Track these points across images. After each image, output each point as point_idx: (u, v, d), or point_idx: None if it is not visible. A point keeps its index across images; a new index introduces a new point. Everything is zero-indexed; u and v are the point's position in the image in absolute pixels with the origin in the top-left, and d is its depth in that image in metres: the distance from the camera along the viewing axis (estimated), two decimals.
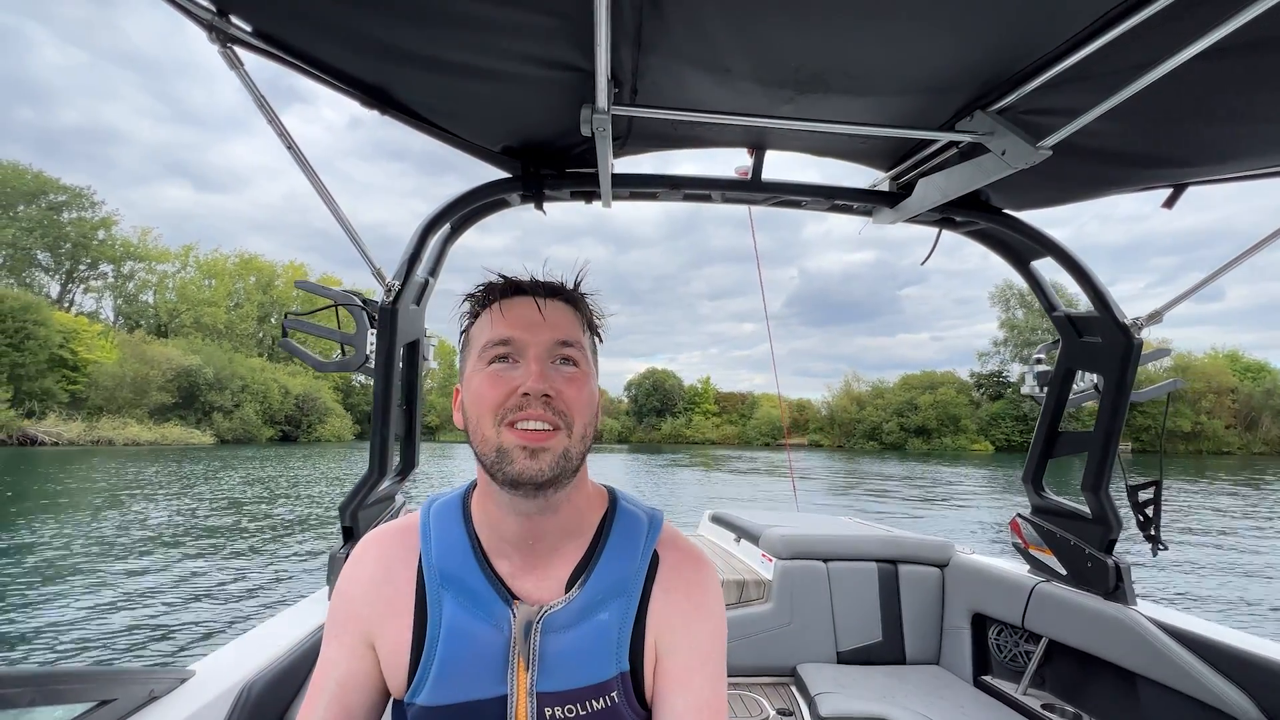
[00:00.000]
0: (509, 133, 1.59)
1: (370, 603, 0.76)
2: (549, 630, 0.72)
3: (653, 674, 0.76)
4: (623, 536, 0.78)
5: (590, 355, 0.77)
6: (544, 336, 0.72)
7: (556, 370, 0.72)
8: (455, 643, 0.72)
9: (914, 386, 62.21)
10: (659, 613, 0.76)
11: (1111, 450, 1.91)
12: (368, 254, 1.61)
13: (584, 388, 0.72)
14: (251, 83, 1.18)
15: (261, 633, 1.42)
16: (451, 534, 0.77)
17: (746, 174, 1.78)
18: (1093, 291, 1.87)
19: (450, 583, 0.74)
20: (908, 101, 1.34)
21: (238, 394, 44.61)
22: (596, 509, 0.80)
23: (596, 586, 0.74)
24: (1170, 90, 1.11)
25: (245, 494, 15.85)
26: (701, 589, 0.78)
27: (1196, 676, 1.64)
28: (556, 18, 1.04)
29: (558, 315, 0.74)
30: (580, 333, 0.76)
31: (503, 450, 0.68)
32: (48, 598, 6.43)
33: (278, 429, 48.47)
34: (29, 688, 0.81)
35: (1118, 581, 1.91)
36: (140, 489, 15.86)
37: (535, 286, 0.75)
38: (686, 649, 0.75)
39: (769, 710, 2.38)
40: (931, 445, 56.69)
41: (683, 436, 72.27)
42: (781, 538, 2.80)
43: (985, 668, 2.45)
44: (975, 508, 16.52)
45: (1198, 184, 1.59)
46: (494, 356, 0.71)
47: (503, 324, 0.72)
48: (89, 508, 12.27)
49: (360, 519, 1.66)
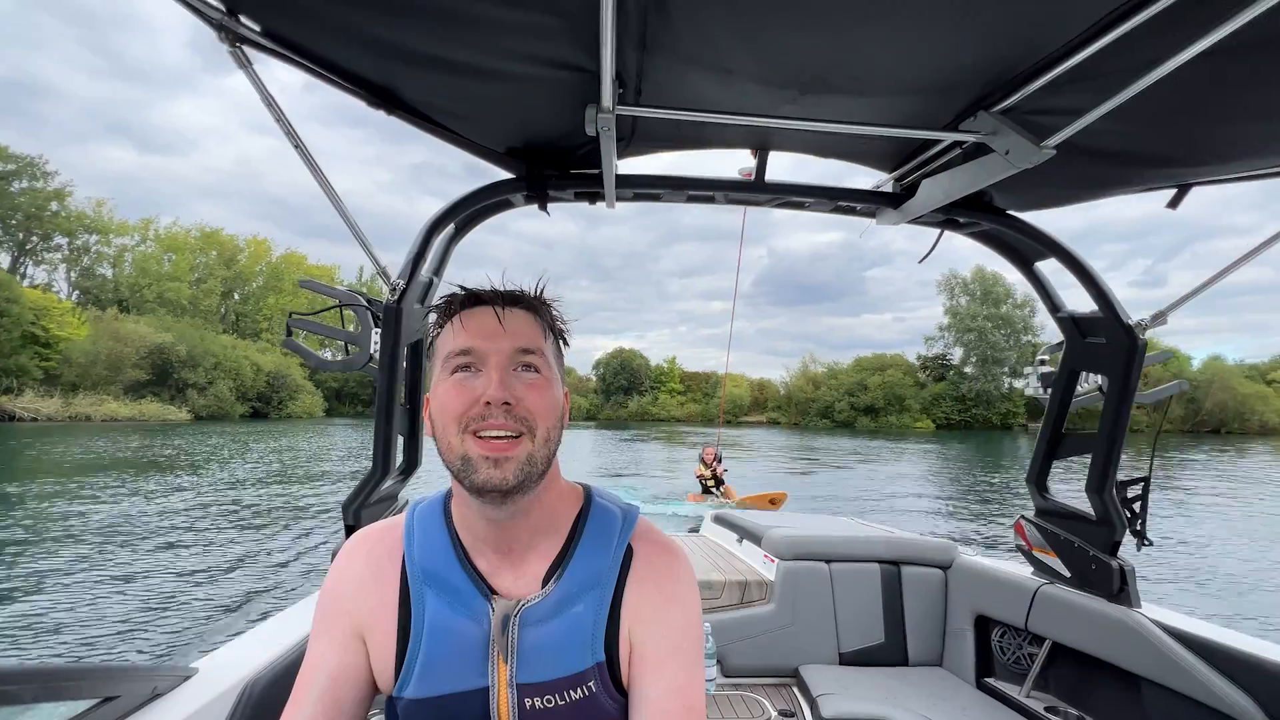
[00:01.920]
0: (514, 133, 1.61)
1: (359, 598, 0.79)
2: (526, 624, 0.75)
3: (628, 663, 0.78)
4: (597, 532, 0.81)
5: (553, 361, 0.79)
6: (504, 345, 0.73)
7: (518, 378, 0.74)
8: (438, 638, 0.75)
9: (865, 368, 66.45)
10: (633, 603, 0.78)
11: (1116, 452, 1.91)
12: (373, 253, 1.64)
13: (546, 393, 0.74)
14: (260, 82, 1.20)
15: (264, 630, 1.44)
16: (433, 533, 0.80)
17: (750, 175, 1.81)
18: (1097, 292, 1.87)
19: (432, 580, 0.77)
20: (911, 102, 1.35)
21: (210, 371, 45.06)
22: (571, 506, 0.83)
23: (571, 580, 0.77)
24: (1174, 90, 1.10)
25: (284, 469, 17.39)
26: (673, 578, 0.81)
27: (1200, 679, 1.64)
28: (562, 18, 1.05)
29: (518, 323, 0.76)
30: (542, 339, 0.78)
31: (467, 459, 0.70)
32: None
33: (249, 405, 49.05)
34: (32, 684, 0.82)
35: (1122, 584, 1.91)
36: (168, 463, 17.15)
37: (495, 296, 0.77)
38: (659, 636, 0.78)
39: (771, 711, 2.38)
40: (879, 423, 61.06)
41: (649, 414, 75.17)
42: (784, 538, 2.82)
43: (988, 670, 2.44)
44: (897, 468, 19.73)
45: (1202, 184, 1.59)
46: (456, 366, 0.74)
47: (464, 334, 0.74)
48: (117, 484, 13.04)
49: (363, 518, 1.67)
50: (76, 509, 10.61)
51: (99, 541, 8.49)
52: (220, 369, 45.93)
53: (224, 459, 19.11)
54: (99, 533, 9.01)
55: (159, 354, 42.23)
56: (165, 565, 7.41)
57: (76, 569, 7.20)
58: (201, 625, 5.52)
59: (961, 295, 66.00)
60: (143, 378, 41.13)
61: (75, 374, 37.81)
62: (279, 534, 9.43)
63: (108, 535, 8.85)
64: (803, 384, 70.18)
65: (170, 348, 42.78)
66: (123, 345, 40.10)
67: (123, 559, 7.69)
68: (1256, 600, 7.58)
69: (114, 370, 39.34)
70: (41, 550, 7.98)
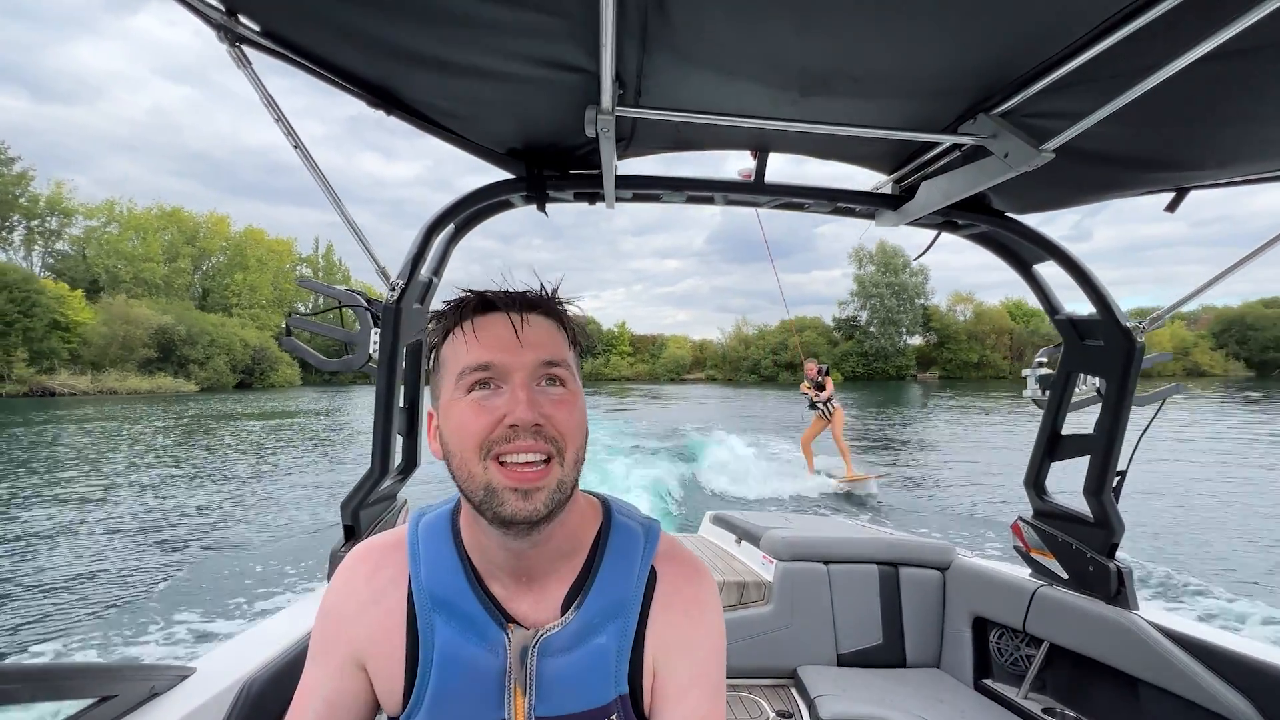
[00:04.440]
0: (514, 134, 1.59)
1: (361, 624, 0.74)
2: (546, 654, 0.70)
3: (650, 692, 0.75)
4: (619, 553, 0.76)
5: (577, 371, 0.73)
6: (527, 358, 0.67)
7: (544, 393, 0.67)
8: (450, 668, 0.70)
9: (787, 330, 76.77)
10: (658, 633, 0.75)
11: (1114, 454, 1.91)
12: (374, 255, 1.63)
13: (574, 410, 0.69)
14: (259, 82, 1.20)
15: (263, 630, 1.43)
16: (441, 554, 0.75)
17: (749, 176, 1.80)
18: (1095, 295, 1.87)
19: (441, 606, 0.72)
20: (911, 104, 1.35)
21: (207, 348, 49.99)
22: (590, 525, 0.78)
23: (593, 608, 0.73)
24: (1174, 93, 1.10)
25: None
26: (700, 606, 0.77)
27: (1198, 681, 1.64)
28: (562, 19, 1.04)
29: (540, 332, 0.69)
30: (565, 349, 0.71)
31: (491, 489, 0.64)
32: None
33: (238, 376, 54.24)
34: (30, 683, 0.81)
35: (1119, 586, 1.91)
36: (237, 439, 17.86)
37: (511, 301, 0.69)
38: (685, 666, 0.75)
39: (769, 712, 2.39)
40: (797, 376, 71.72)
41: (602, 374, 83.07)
42: (782, 539, 2.82)
43: (986, 671, 2.45)
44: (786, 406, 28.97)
45: (1200, 187, 1.59)
46: (474, 383, 0.67)
47: (479, 347, 0.67)
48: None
49: (362, 517, 1.67)
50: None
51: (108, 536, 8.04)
52: (215, 345, 50.83)
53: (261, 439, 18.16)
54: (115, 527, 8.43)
55: (162, 334, 46.93)
56: (165, 564, 7.03)
57: (78, 563, 6.91)
58: (200, 624, 5.33)
59: (869, 264, 76.82)
60: (153, 355, 45.96)
61: (94, 354, 42.43)
62: (279, 527, 8.70)
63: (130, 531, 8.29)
64: (736, 344, 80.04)
65: (172, 328, 47.46)
66: (134, 327, 44.77)
67: (119, 553, 7.35)
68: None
69: (128, 349, 44.13)
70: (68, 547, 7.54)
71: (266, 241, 74.13)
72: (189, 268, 64.65)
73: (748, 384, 70.28)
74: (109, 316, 44.27)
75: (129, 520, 8.79)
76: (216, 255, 69.70)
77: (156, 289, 59.26)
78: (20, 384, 36.56)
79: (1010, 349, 76.22)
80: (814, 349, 73.01)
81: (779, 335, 76.48)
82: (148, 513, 9.24)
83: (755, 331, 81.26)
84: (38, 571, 6.69)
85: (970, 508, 9.47)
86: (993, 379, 71.68)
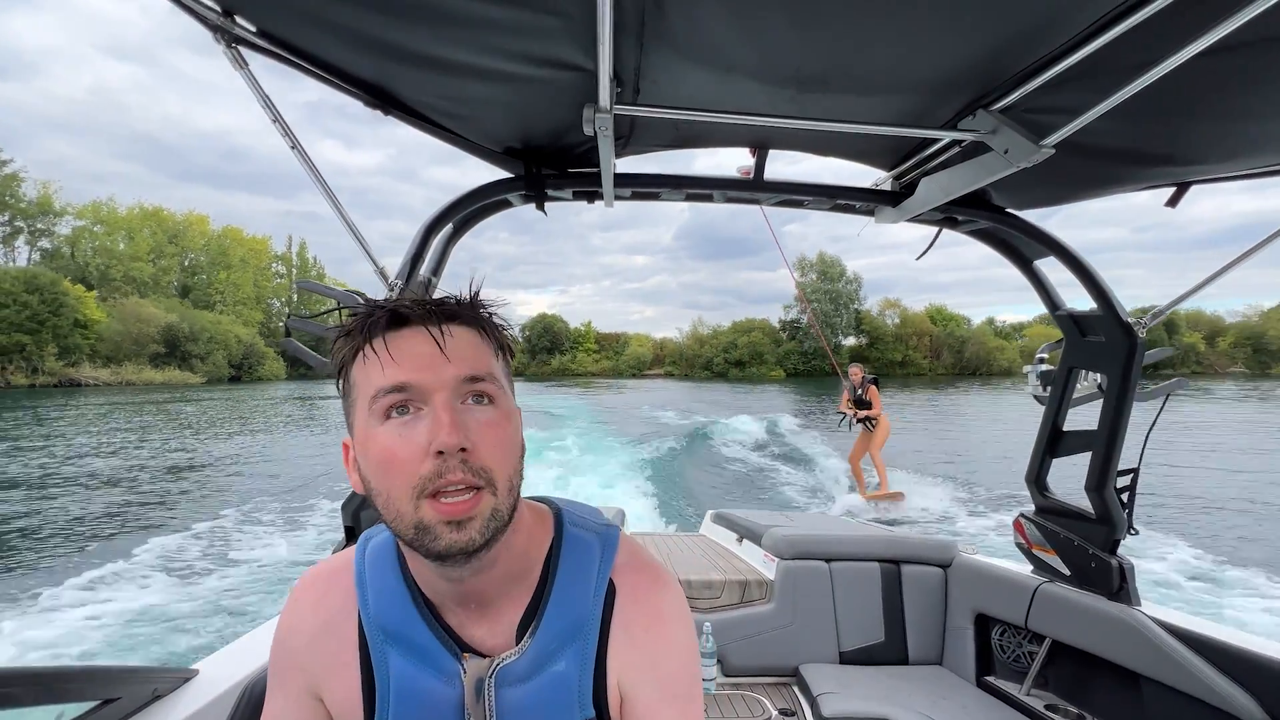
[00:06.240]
0: (512, 133, 1.59)
1: (312, 654, 0.71)
2: (504, 684, 0.66)
3: (619, 713, 0.71)
4: (573, 569, 0.71)
5: (505, 382, 0.66)
6: (448, 374, 0.60)
7: (469, 413, 0.61)
8: (407, 702, 0.67)
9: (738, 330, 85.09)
10: (620, 653, 0.70)
11: (1115, 450, 1.92)
12: (373, 255, 1.63)
13: (504, 431, 0.63)
14: (256, 83, 1.19)
15: (265, 632, 1.41)
16: (388, 583, 0.70)
17: (749, 173, 1.80)
18: (1096, 290, 1.87)
19: (392, 638, 0.68)
20: (910, 100, 1.35)
21: (207, 344, 54.34)
22: (540, 541, 0.73)
23: (549, 631, 0.68)
24: (1173, 88, 1.10)
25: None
26: (662, 619, 0.72)
27: (1201, 677, 1.64)
28: (559, 17, 1.04)
29: (461, 344, 0.62)
30: (491, 360, 0.65)
31: (423, 526, 0.59)
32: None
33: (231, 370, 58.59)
34: (33, 686, 0.81)
35: (1121, 582, 1.91)
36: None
37: (426, 312, 0.62)
38: (650, 685, 0.71)
39: (771, 710, 2.39)
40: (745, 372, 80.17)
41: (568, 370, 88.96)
42: (784, 537, 2.83)
43: (988, 668, 2.45)
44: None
45: (1200, 182, 1.60)
46: (389, 406, 0.60)
47: (393, 366, 0.60)
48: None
49: (362, 519, 1.66)
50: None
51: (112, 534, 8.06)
52: (214, 341, 55.14)
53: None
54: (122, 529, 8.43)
55: (168, 331, 51.19)
56: (164, 561, 6.93)
57: (84, 566, 6.76)
58: (201, 625, 5.27)
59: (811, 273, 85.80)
60: (161, 350, 50.23)
61: (109, 349, 46.59)
62: (277, 532, 8.59)
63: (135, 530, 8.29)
64: (692, 343, 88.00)
65: (176, 325, 51.74)
66: (145, 325, 49.03)
67: (123, 550, 7.27)
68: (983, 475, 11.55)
69: (140, 345, 48.34)
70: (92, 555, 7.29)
71: (246, 240, 77.31)
72: (175, 266, 67.72)
73: (701, 379, 78.29)
74: (122, 315, 48.46)
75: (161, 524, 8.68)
76: (197, 253, 72.60)
77: (145, 287, 62.37)
78: (51, 375, 40.93)
79: (930, 349, 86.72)
80: (759, 348, 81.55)
81: (730, 335, 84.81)
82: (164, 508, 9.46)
83: (710, 331, 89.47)
84: (46, 571, 6.68)
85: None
86: (914, 375, 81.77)
